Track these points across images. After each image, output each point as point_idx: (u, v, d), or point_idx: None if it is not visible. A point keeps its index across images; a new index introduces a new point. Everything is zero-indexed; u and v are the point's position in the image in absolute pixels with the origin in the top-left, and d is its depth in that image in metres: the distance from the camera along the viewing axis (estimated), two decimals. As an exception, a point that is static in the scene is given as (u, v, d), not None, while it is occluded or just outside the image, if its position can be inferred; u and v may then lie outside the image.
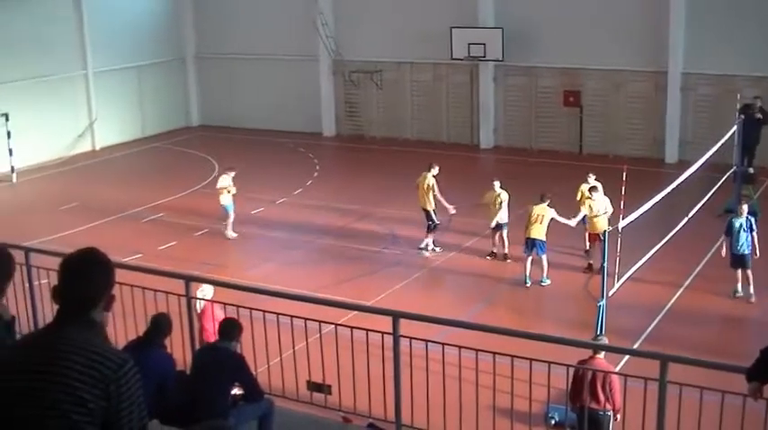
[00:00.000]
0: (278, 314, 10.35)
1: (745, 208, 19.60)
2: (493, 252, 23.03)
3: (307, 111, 39.08)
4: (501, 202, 22.37)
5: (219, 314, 12.38)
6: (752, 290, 19.32)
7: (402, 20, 36.37)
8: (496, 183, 22.71)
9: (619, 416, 12.20)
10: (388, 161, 34.03)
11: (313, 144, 37.10)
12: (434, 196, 22.80)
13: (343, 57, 38.05)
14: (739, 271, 19.45)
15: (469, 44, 34.14)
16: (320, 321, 10.39)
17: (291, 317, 10.33)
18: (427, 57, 36.23)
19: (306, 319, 10.37)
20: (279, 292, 12.85)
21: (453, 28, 34.36)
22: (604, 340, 13.09)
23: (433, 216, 22.99)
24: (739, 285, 19.48)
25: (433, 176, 22.95)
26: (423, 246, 23.16)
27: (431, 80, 37.09)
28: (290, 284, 20.05)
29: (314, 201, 28.03)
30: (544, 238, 20.66)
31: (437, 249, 23.18)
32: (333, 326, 10.54)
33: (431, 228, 23.14)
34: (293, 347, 10.60)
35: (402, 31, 36.37)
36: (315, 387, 10.56)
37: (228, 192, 24.54)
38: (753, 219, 19.47)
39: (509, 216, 22.55)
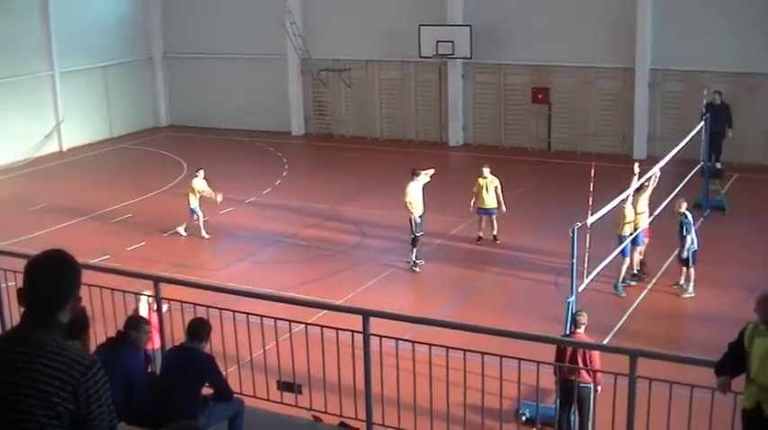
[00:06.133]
0: (248, 314, 10.33)
1: (683, 205, 19.77)
2: (480, 236, 23.58)
3: (275, 110, 38.99)
4: (496, 188, 23.23)
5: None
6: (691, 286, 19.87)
7: (370, 18, 36.36)
8: (486, 170, 23.42)
9: (600, 388, 12.33)
10: (357, 160, 34.03)
11: (282, 143, 37.03)
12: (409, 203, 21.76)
13: (312, 55, 37.97)
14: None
15: (438, 42, 34.16)
16: (290, 320, 10.37)
17: (261, 316, 10.31)
18: (396, 55, 36.24)
19: (276, 319, 10.36)
20: (248, 292, 12.84)
21: (422, 26, 34.36)
22: (584, 316, 13.22)
23: (412, 227, 21.91)
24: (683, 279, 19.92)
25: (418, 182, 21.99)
26: (412, 260, 22.08)
27: (399, 78, 37.09)
28: (259, 284, 20.01)
29: (283, 201, 27.99)
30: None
31: (419, 262, 22.06)
32: (303, 325, 10.53)
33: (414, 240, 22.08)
34: (263, 347, 10.57)
35: (370, 29, 36.37)
36: (285, 386, 10.53)
37: (201, 191, 24.64)
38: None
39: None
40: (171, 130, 40.77)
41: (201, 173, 24.94)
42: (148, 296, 12.46)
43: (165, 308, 10.85)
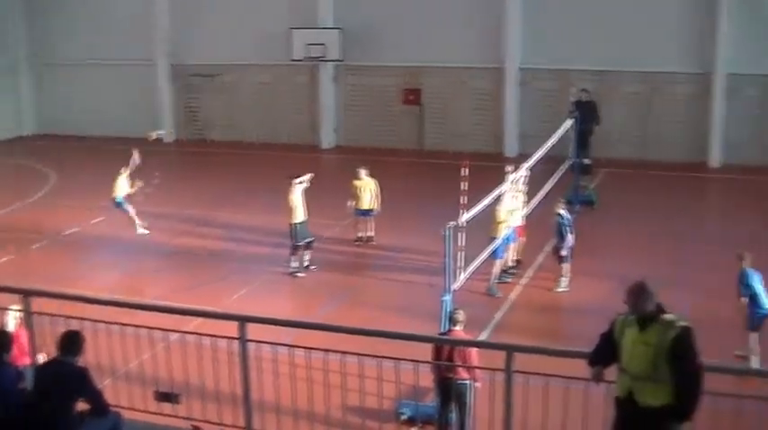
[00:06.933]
0: (122, 324, 10.14)
1: (559, 207, 20.21)
2: (360, 237, 23.78)
3: (146, 116, 38.37)
4: (371, 189, 23.44)
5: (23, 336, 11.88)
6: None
7: (241, 22, 36.19)
8: (362, 171, 23.57)
9: (479, 384, 12.41)
10: (230, 165, 33.79)
11: (153, 150, 36.35)
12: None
13: (182, 60, 37.58)
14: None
15: (309, 45, 34.17)
16: (165, 329, 10.21)
17: (136, 327, 10.13)
18: (267, 58, 36.13)
19: (151, 328, 10.18)
20: (122, 302, 12.61)
21: (293, 29, 34.34)
22: (462, 314, 13.29)
23: (292, 233, 21.63)
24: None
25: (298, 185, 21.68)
26: (293, 268, 21.72)
27: (271, 82, 36.99)
28: (133, 294, 19.67)
29: (156, 209, 27.46)
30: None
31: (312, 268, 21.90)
32: (179, 334, 10.39)
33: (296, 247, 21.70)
34: (139, 358, 10.40)
35: (241, 33, 36.18)
36: (163, 397, 10.37)
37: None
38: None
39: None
40: (38, 140, 39.76)
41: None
42: (17, 310, 12.12)
43: (33, 321, 10.57)
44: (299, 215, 21.55)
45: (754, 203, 26.53)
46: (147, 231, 24.37)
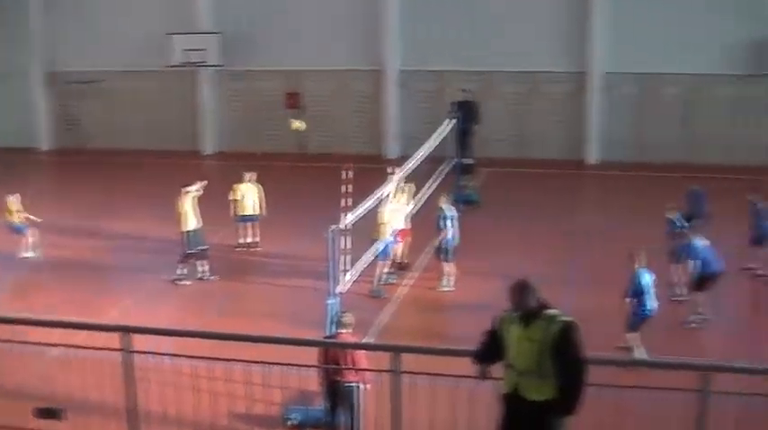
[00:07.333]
0: (-1, 340, 9.89)
1: (442, 201, 20.42)
2: (240, 243, 23.62)
3: (21, 125, 37.50)
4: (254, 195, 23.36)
5: None
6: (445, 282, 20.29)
7: (118, 27, 35.63)
8: (247, 176, 23.48)
9: (369, 386, 12.38)
10: (111, 173, 33.17)
11: (30, 160, 35.66)
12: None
13: (59, 68, 36.81)
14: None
15: (188, 50, 33.84)
16: (47, 344, 9.98)
17: (14, 342, 9.86)
18: (147, 64, 35.57)
19: (31, 344, 9.93)
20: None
21: (171, 34, 33.94)
22: (349, 316, 13.24)
23: (184, 242, 21.24)
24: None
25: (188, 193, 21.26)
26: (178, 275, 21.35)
27: (152, 88, 36.46)
28: (13, 309, 19.14)
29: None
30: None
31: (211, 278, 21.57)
32: (61, 347, 10.16)
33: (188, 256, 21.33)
34: (21, 374, 10.14)
35: (119, 38, 35.62)
36: (45, 413, 10.11)
37: (18, 212, 23.42)
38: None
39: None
40: None
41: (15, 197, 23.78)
42: None
43: None
44: (191, 223, 21.28)
45: (631, 199, 27.19)
46: (34, 255, 23.61)
